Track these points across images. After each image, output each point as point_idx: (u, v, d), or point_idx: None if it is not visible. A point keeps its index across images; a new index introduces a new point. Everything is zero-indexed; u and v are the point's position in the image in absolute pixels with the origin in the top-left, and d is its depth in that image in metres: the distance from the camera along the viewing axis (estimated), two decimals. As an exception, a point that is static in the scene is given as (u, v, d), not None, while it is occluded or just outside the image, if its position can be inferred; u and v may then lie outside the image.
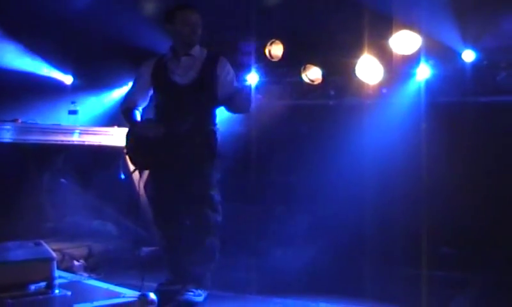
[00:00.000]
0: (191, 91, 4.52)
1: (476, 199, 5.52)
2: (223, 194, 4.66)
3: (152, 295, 3.53)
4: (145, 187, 6.04)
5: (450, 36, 5.39)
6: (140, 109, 4.73)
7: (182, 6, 4.64)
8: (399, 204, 5.70)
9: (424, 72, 5.67)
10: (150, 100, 4.78)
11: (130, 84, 4.90)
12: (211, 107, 4.57)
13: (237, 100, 4.52)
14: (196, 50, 4.63)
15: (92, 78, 7.13)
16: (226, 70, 4.61)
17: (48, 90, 6.77)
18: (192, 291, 4.45)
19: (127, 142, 4.66)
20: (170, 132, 4.44)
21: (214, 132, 4.58)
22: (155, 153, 4.47)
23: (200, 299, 4.48)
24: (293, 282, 5.05)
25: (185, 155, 4.46)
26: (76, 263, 5.29)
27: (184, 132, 4.45)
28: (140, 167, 4.75)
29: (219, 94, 4.55)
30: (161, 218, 4.70)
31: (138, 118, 4.69)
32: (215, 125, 4.62)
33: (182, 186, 4.52)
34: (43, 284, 3.34)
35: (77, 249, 5.52)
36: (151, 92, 4.72)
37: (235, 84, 4.65)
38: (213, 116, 4.61)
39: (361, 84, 5.82)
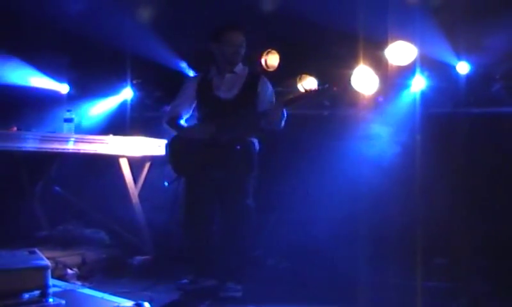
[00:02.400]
0: (233, 105, 4.85)
1: (470, 210, 5.52)
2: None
3: (147, 305, 3.52)
4: (139, 195, 6.07)
5: (445, 48, 5.42)
6: (183, 120, 5.07)
7: (230, 26, 4.96)
8: (393, 214, 5.70)
9: (419, 83, 5.68)
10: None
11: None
12: (251, 121, 4.86)
13: (270, 116, 4.81)
14: (239, 67, 4.99)
15: (88, 87, 7.13)
16: (265, 88, 4.98)
17: (44, 99, 6.77)
18: (231, 288, 4.77)
19: (168, 150, 5.01)
20: (209, 143, 4.74)
21: (252, 143, 4.92)
22: (196, 159, 4.80)
23: (240, 294, 4.76)
24: (286, 292, 5.04)
25: (225, 162, 4.76)
26: (69, 271, 5.26)
27: (225, 141, 4.73)
28: (181, 173, 4.99)
29: (259, 110, 4.89)
30: (192, 219, 4.97)
31: (185, 124, 5.06)
32: (254, 137, 4.94)
33: (219, 193, 4.86)
34: (37, 292, 3.33)
35: (69, 257, 5.50)
36: (194, 105, 5.06)
37: (273, 102, 4.98)
38: (253, 129, 4.91)
39: (356, 95, 5.84)
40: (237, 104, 4.85)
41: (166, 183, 5.89)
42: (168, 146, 5.04)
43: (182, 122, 5.06)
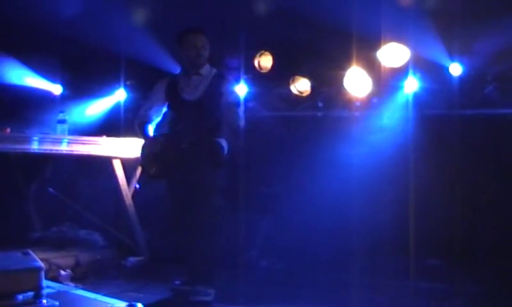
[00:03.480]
0: (196, 107, 4.84)
1: (463, 210, 5.54)
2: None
3: (140, 306, 3.51)
4: (133, 197, 6.07)
5: (438, 49, 5.43)
6: (153, 123, 5.06)
7: (189, 30, 4.99)
8: (386, 215, 5.71)
9: (412, 85, 5.69)
10: (164, 116, 5.11)
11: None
12: (216, 121, 4.82)
13: (227, 117, 4.79)
14: (205, 69, 5.02)
15: (81, 88, 7.12)
16: (229, 89, 4.95)
17: (37, 100, 6.76)
18: (201, 291, 4.67)
19: (141, 154, 4.97)
20: (173, 145, 4.75)
21: (218, 143, 4.83)
22: (164, 164, 4.78)
23: (210, 297, 4.69)
24: (279, 293, 5.06)
25: (190, 165, 4.72)
26: (63, 272, 5.26)
27: (188, 144, 4.72)
28: (151, 177, 5.02)
29: (222, 109, 4.84)
30: (173, 222, 5.01)
31: (150, 132, 5.01)
32: (220, 137, 4.86)
33: (189, 194, 4.76)
34: (30, 294, 3.31)
35: (63, 258, 5.50)
36: (164, 108, 5.07)
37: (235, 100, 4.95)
38: (219, 129, 4.85)
39: (349, 96, 5.85)
40: (200, 106, 4.85)
41: (137, 186, 5.91)
42: (141, 151, 5.01)
43: (151, 127, 5.05)
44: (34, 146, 5.42)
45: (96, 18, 6.06)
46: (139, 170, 6.17)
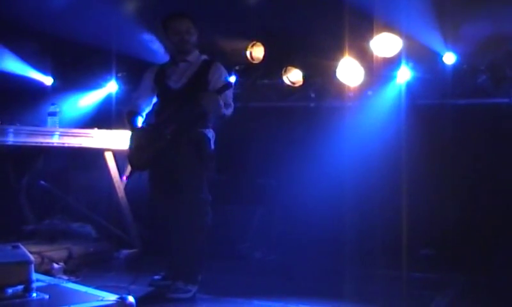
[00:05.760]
0: (181, 95, 4.64)
1: (455, 201, 5.55)
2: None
3: (131, 298, 3.49)
4: (125, 189, 6.06)
5: (431, 39, 5.42)
6: (143, 113, 4.88)
7: (172, 15, 4.78)
8: (379, 205, 5.72)
9: (404, 74, 5.69)
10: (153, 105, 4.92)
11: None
12: (202, 110, 4.57)
13: (204, 104, 4.53)
14: (193, 56, 4.80)
15: (72, 80, 7.10)
16: (217, 75, 4.70)
17: (28, 92, 6.73)
18: (180, 288, 4.55)
19: (129, 145, 4.79)
20: (157, 136, 4.56)
21: (203, 135, 4.64)
22: (149, 155, 4.60)
23: (189, 294, 4.56)
24: (273, 284, 5.05)
25: (173, 158, 4.55)
26: (55, 265, 5.23)
27: (169, 135, 4.52)
28: (136, 169, 4.86)
29: None
30: (157, 216, 4.88)
31: (138, 122, 4.84)
32: (206, 127, 4.68)
33: (173, 188, 4.62)
34: (20, 287, 3.30)
35: (56, 251, 5.47)
36: (154, 97, 4.87)
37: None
38: (204, 120, 4.66)
39: (341, 86, 5.84)
40: (184, 94, 4.63)
41: (124, 178, 5.87)
42: (129, 141, 4.84)
43: (140, 118, 4.86)
44: (26, 139, 5.39)
45: (88, 9, 6.03)
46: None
